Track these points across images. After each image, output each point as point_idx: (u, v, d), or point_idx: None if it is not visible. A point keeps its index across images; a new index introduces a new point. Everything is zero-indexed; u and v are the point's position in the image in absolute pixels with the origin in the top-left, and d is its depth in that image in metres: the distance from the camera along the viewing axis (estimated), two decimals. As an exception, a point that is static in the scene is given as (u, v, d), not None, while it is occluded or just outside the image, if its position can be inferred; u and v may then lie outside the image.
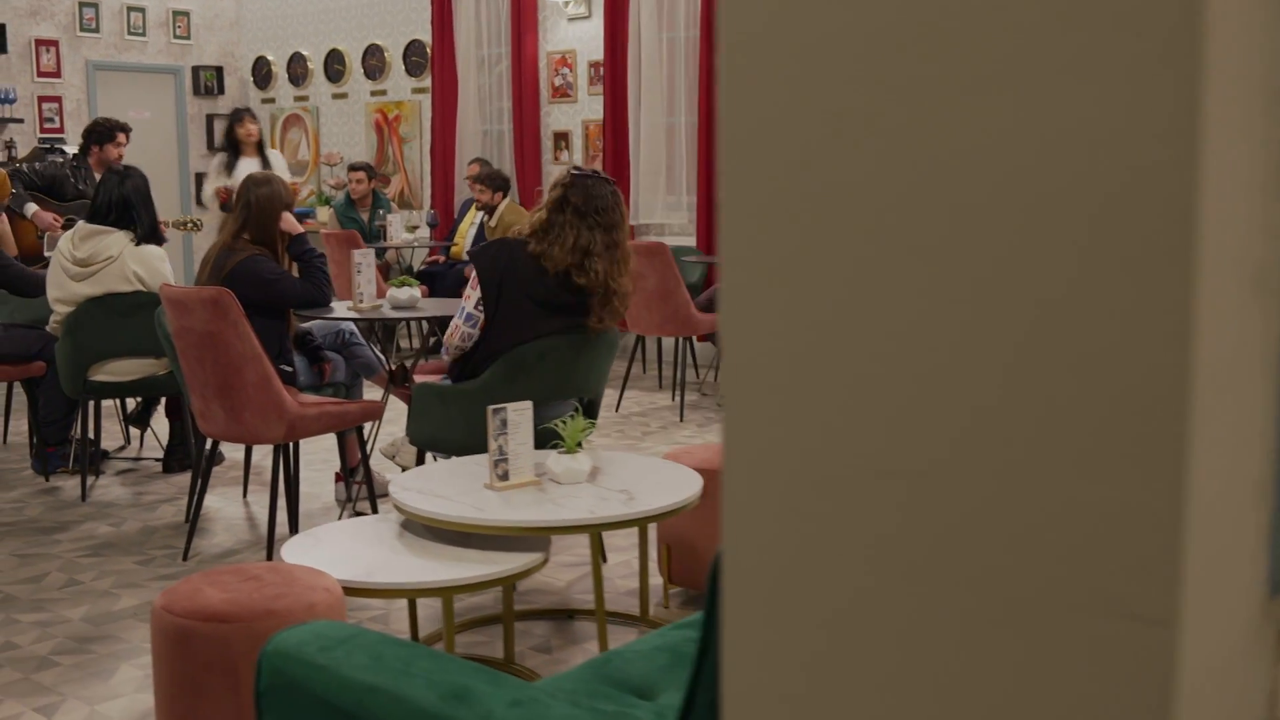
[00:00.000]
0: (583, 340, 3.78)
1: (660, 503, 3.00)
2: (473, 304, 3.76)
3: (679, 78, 8.01)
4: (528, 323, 3.70)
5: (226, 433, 3.97)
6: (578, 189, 3.71)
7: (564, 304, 3.70)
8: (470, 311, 3.77)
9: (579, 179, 3.73)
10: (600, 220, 3.68)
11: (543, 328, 3.70)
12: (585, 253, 3.63)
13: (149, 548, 4.31)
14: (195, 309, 3.80)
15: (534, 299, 3.68)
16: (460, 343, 3.81)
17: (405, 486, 3.14)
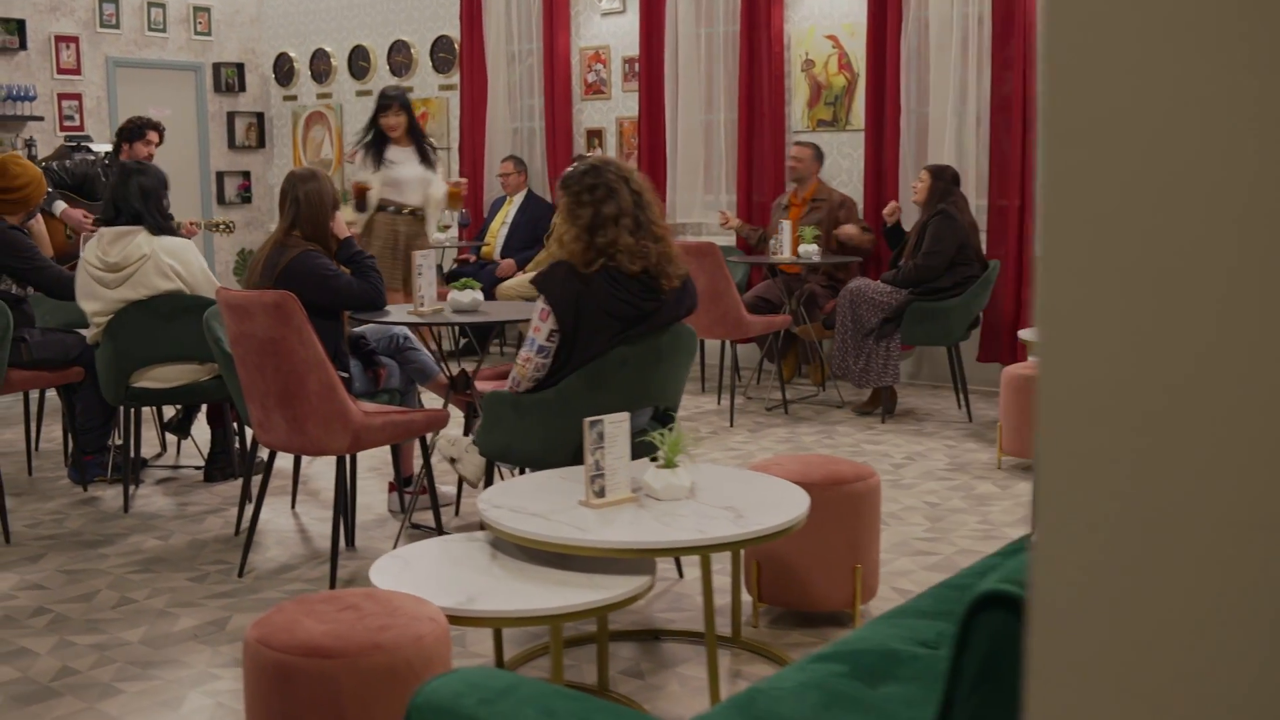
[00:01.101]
0: (662, 344, 3.58)
1: (771, 521, 2.82)
2: (544, 335, 3.52)
3: (717, 74, 7.81)
4: (606, 339, 3.51)
5: (287, 444, 3.78)
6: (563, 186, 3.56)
7: (646, 308, 3.51)
8: (542, 344, 3.53)
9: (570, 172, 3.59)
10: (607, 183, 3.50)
11: (615, 337, 3.51)
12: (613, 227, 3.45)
13: (200, 563, 4.12)
14: (256, 314, 3.61)
15: (613, 314, 3.48)
16: (534, 373, 3.58)
17: (495, 504, 2.95)
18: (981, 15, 6.81)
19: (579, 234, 3.47)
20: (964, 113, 6.91)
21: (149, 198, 4.64)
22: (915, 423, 6.27)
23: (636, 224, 3.51)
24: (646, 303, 3.50)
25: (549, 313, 3.52)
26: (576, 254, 3.48)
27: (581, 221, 3.47)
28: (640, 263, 3.49)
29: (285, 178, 4.25)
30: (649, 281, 3.49)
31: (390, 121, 6.11)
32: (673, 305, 3.62)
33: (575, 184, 3.53)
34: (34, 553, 4.24)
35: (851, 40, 7.30)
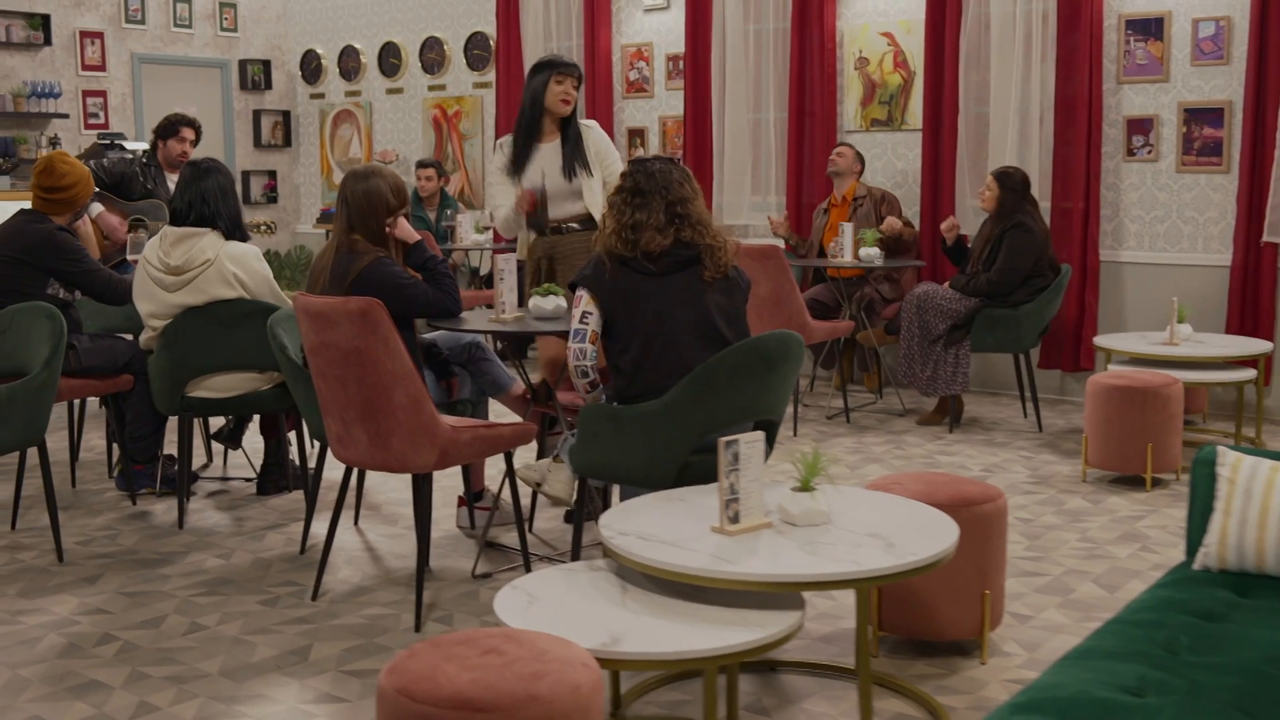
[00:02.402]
0: (771, 351, 3.37)
1: (926, 551, 2.60)
2: (578, 319, 3.47)
3: (766, 72, 7.58)
4: (654, 297, 3.40)
5: (370, 460, 3.55)
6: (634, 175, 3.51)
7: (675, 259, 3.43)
8: (577, 327, 3.47)
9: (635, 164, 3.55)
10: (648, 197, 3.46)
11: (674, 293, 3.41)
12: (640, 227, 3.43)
13: (268, 584, 3.89)
14: (340, 322, 3.38)
15: (645, 271, 3.43)
16: (577, 360, 3.47)
17: (620, 531, 2.73)
18: (1046, 12, 6.59)
19: (616, 230, 3.47)
20: (1026, 112, 6.69)
21: (226, 198, 4.41)
22: (983, 432, 6.06)
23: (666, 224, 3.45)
24: (680, 251, 3.43)
25: (582, 299, 3.48)
26: (611, 245, 3.48)
27: (622, 219, 3.46)
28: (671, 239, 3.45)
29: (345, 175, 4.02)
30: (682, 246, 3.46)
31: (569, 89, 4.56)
32: (724, 294, 3.49)
33: (629, 181, 3.50)
34: (90, 573, 4.01)
35: (908, 38, 7.09)
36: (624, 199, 3.45)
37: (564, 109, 4.56)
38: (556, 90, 4.55)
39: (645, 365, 3.37)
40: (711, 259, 3.44)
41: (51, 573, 4.01)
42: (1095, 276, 6.59)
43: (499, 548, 4.18)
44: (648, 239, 3.39)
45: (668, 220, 3.41)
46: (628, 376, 3.40)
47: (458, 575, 3.94)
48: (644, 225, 3.40)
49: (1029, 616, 3.59)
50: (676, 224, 3.42)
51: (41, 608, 3.69)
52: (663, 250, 3.43)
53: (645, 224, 3.40)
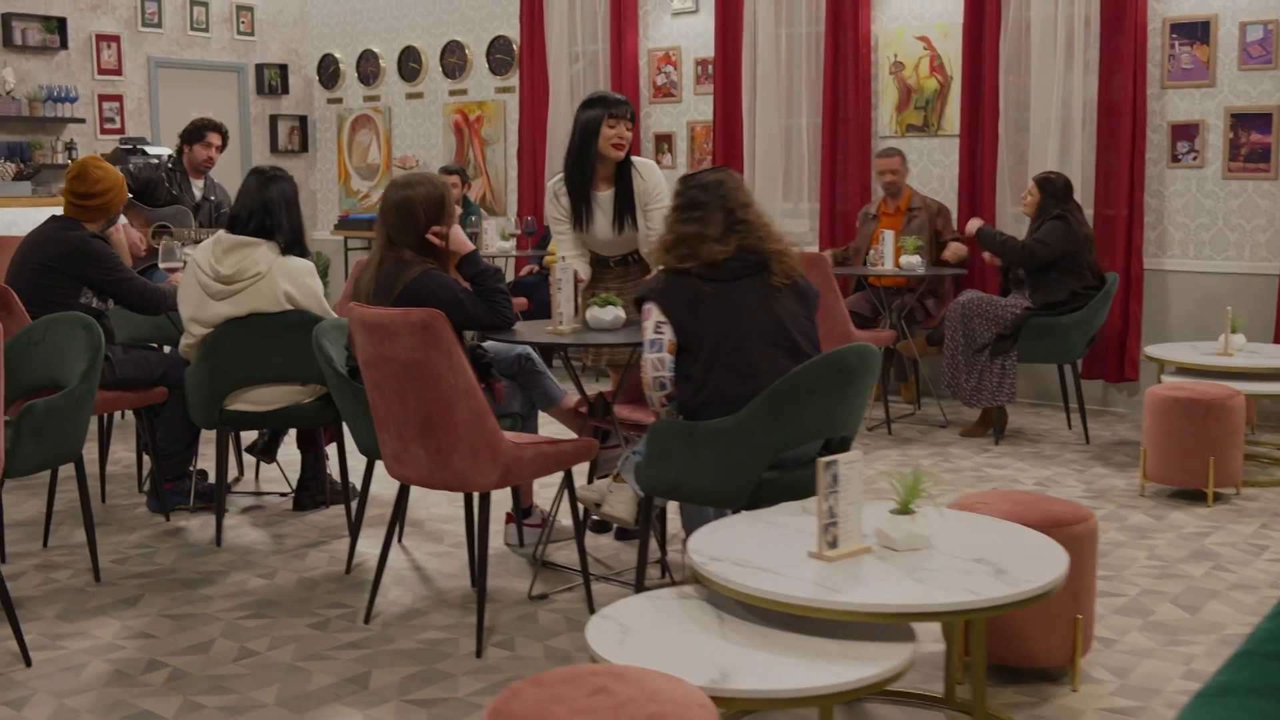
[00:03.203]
0: (849, 364, 3.23)
1: (1040, 578, 2.46)
2: (651, 330, 3.35)
3: (799, 76, 7.45)
4: (722, 304, 3.29)
5: (429, 478, 3.40)
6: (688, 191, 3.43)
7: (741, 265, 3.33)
8: (652, 338, 3.34)
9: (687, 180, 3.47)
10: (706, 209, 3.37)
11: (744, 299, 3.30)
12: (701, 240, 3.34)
13: (316, 606, 3.74)
14: (400, 334, 3.24)
15: (712, 279, 3.32)
16: (657, 372, 3.34)
17: (712, 556, 2.59)
18: (1088, 15, 6.46)
19: (671, 245, 3.39)
20: (1068, 118, 6.56)
21: (290, 210, 4.27)
22: (1030, 444, 5.92)
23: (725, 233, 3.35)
24: (747, 256, 3.33)
25: (651, 311, 3.36)
26: (669, 262, 3.39)
27: (676, 233, 3.38)
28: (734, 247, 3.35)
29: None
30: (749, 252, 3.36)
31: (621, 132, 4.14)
32: (794, 301, 3.39)
33: (683, 194, 3.41)
34: (130, 593, 3.86)
35: (945, 42, 6.96)
36: (678, 215, 3.36)
37: (616, 154, 4.15)
38: (609, 134, 4.12)
39: (715, 371, 3.25)
40: (779, 264, 3.34)
41: (89, 593, 3.86)
42: (1139, 285, 6.46)
43: (552, 567, 4.03)
44: (706, 250, 3.29)
45: (727, 229, 3.31)
46: (697, 383, 3.27)
47: (513, 596, 3.80)
48: (702, 237, 3.30)
49: (1113, 640, 3.45)
50: (737, 232, 3.31)
51: (83, 631, 3.54)
52: (725, 258, 3.32)
53: (703, 235, 3.30)
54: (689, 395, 3.31)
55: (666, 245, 3.37)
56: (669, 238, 3.36)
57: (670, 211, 3.41)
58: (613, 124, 4.14)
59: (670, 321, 3.31)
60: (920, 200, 6.65)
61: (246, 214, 4.27)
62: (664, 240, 3.39)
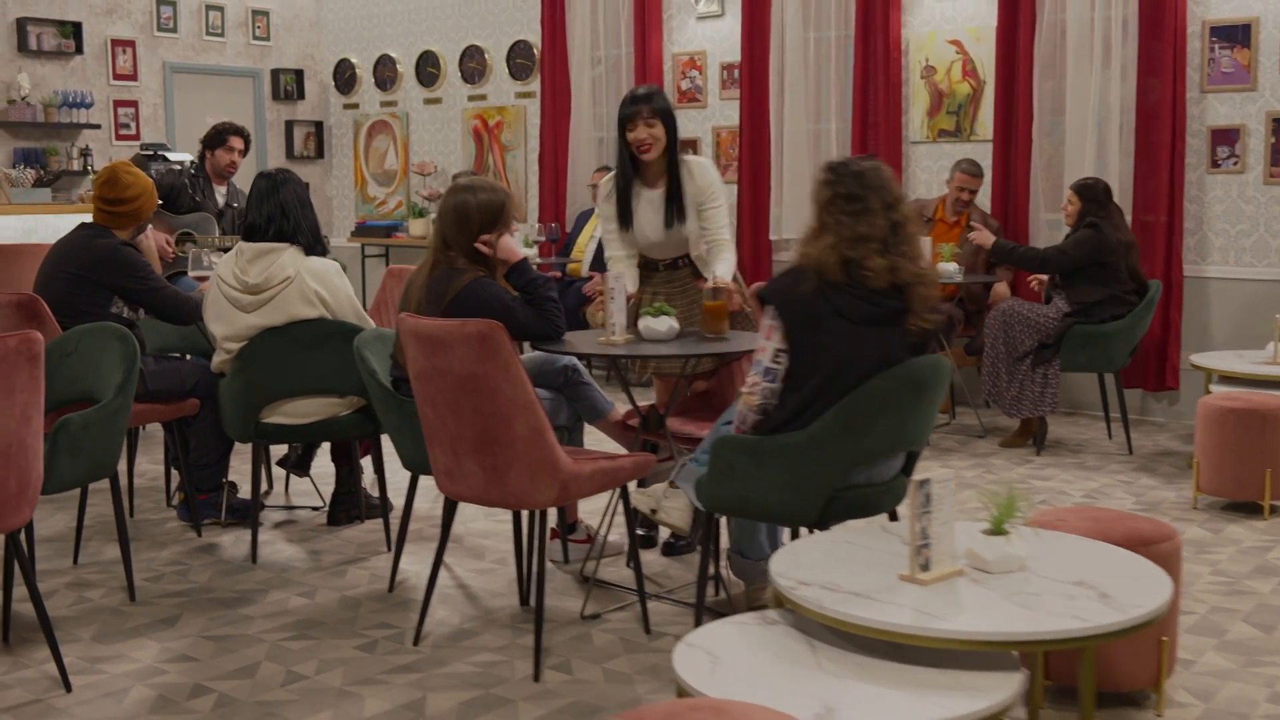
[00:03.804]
0: (922, 377, 3.11)
1: (1148, 602, 2.35)
2: (770, 356, 3.13)
3: (827, 81, 7.34)
4: (845, 343, 3.07)
5: (484, 495, 3.28)
6: (825, 181, 3.15)
7: (874, 311, 3.07)
8: (768, 365, 3.13)
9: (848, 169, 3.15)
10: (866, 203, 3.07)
11: (862, 346, 3.07)
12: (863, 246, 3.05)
13: (361, 626, 3.62)
14: (455, 346, 3.12)
15: (844, 315, 3.06)
16: (764, 400, 3.16)
17: (800, 580, 2.47)
18: (1126, 19, 6.35)
19: (835, 244, 3.07)
20: (1105, 123, 6.45)
21: (306, 210, 4.16)
22: (1071, 455, 5.80)
23: (885, 249, 3.07)
24: (889, 301, 3.08)
25: (775, 329, 3.12)
26: (827, 264, 3.08)
27: (842, 232, 3.06)
28: (888, 279, 3.07)
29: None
30: (895, 292, 3.09)
31: (640, 135, 3.93)
32: (915, 348, 3.18)
33: (840, 183, 3.10)
34: (166, 613, 3.73)
35: (977, 45, 6.85)
36: (841, 206, 3.04)
37: (645, 156, 3.94)
38: (630, 138, 3.94)
39: (812, 409, 3.09)
40: (919, 305, 3.09)
41: (125, 614, 3.74)
42: (1179, 292, 6.35)
43: (603, 585, 3.91)
44: (871, 263, 3.02)
45: (891, 231, 3.04)
46: (789, 414, 3.11)
47: (564, 616, 3.67)
48: (868, 239, 3.02)
49: (1190, 661, 3.33)
50: (895, 244, 3.04)
51: (121, 654, 3.42)
52: (876, 291, 3.05)
53: (870, 238, 3.02)
54: (780, 423, 3.13)
55: (825, 242, 3.05)
56: (831, 237, 3.04)
57: (827, 203, 3.09)
58: (631, 127, 3.95)
59: (788, 348, 3.09)
60: (980, 216, 6.51)
61: (264, 220, 4.15)
62: (818, 235, 3.09)
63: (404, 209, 9.26)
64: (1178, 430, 6.31)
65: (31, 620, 3.61)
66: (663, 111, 3.96)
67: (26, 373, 3.03)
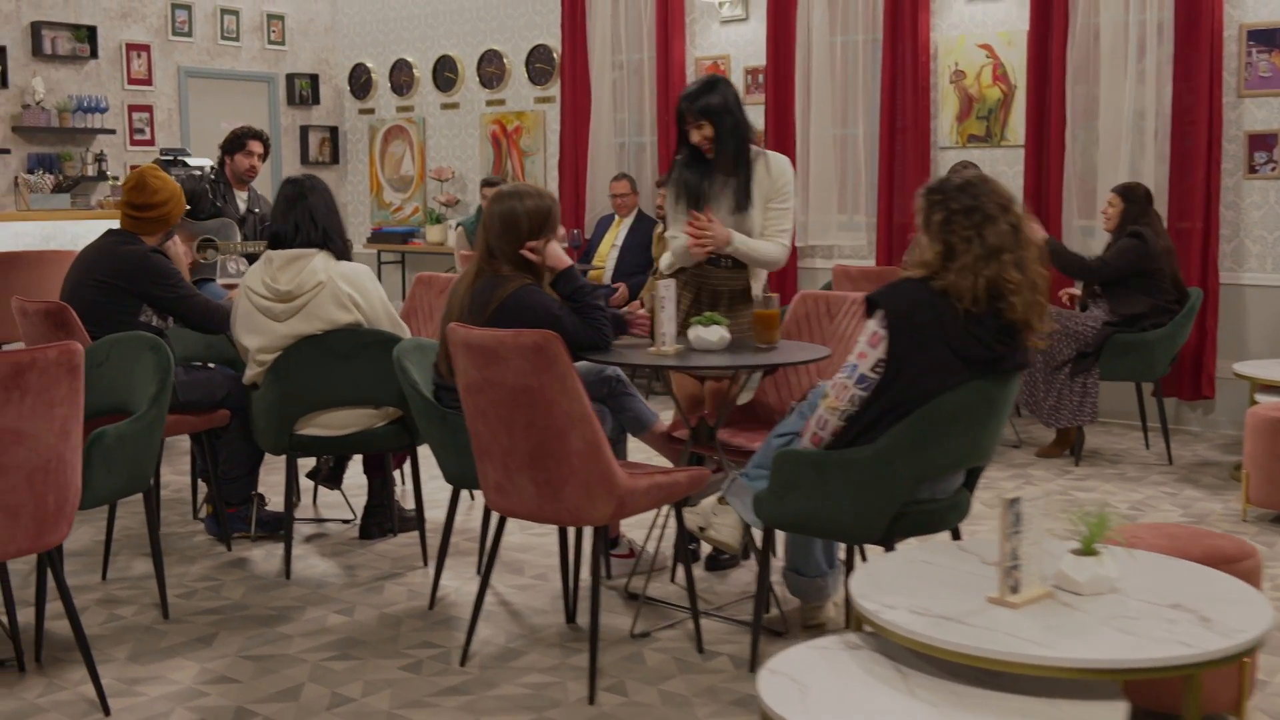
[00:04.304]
0: (996, 394, 3.01)
1: (1252, 627, 2.24)
2: (870, 364, 2.98)
3: (854, 85, 7.24)
4: (937, 375, 2.94)
5: (536, 511, 3.17)
6: (933, 201, 2.99)
7: (981, 353, 2.94)
8: (865, 373, 2.99)
9: (951, 184, 3.01)
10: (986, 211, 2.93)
11: (950, 380, 2.94)
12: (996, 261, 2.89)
13: (405, 646, 3.51)
14: (509, 358, 3.02)
15: (950, 346, 2.93)
16: (850, 407, 3.03)
17: (886, 603, 2.36)
18: (1161, 22, 6.26)
19: (972, 264, 2.90)
20: (1140, 128, 6.35)
21: (333, 216, 4.06)
22: (1110, 465, 5.70)
23: (1018, 263, 2.94)
24: (999, 345, 2.94)
25: (882, 338, 2.96)
26: (965, 290, 2.90)
27: (974, 250, 2.90)
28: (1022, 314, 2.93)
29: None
30: (1011, 329, 2.95)
31: (694, 138, 3.90)
32: (1015, 360, 3.05)
33: (950, 201, 2.95)
34: (202, 632, 3.62)
35: (1008, 50, 6.76)
36: (962, 222, 2.89)
37: (708, 154, 3.89)
38: (692, 135, 3.89)
39: (881, 426, 2.97)
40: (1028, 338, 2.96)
41: (159, 632, 3.63)
42: (1215, 300, 6.24)
43: (649, 601, 3.79)
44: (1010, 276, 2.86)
45: (1013, 234, 2.89)
46: (859, 429, 3.01)
47: (613, 634, 3.56)
48: (1000, 251, 2.87)
49: (1265, 682, 3.22)
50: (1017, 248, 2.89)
51: (158, 675, 3.31)
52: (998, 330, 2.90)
53: (1002, 248, 2.87)
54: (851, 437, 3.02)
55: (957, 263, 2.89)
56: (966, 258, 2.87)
57: (938, 224, 2.93)
58: (687, 125, 3.89)
59: (885, 365, 2.95)
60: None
61: (292, 228, 4.04)
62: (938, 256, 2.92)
63: (420, 215, 9.16)
64: (1214, 440, 6.21)
65: (63, 639, 3.51)
66: (709, 110, 3.86)
67: (66, 385, 2.92)
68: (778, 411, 4.17)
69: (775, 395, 4.16)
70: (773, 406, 4.15)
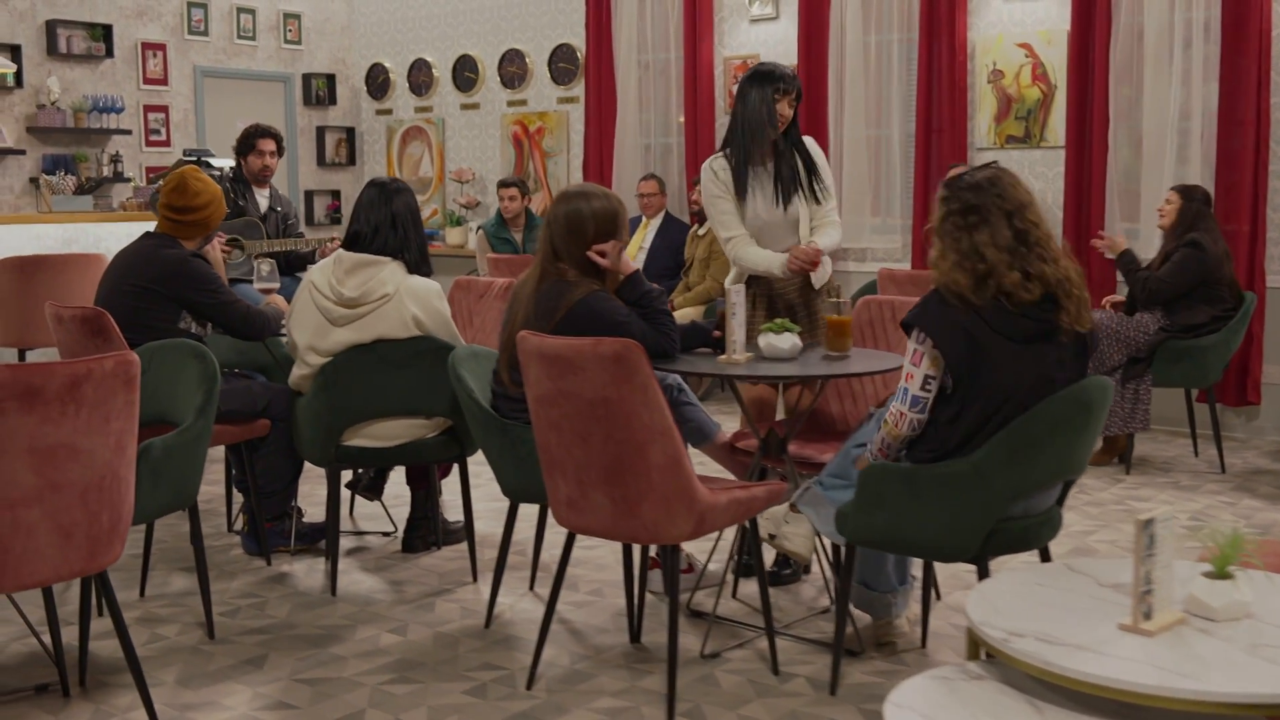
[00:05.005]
0: (1092, 399, 2.88)
1: None
2: (918, 384, 2.92)
3: (889, 85, 7.11)
4: (1005, 365, 2.86)
5: (611, 528, 3.03)
6: (944, 196, 2.98)
7: (1037, 326, 2.88)
8: (916, 394, 2.92)
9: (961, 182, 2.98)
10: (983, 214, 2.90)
11: (1021, 365, 2.86)
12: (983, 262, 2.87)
13: (465, 668, 3.36)
14: (588, 368, 2.87)
15: (1012, 334, 2.87)
16: (911, 432, 2.95)
17: (1011, 630, 2.23)
18: (1208, 21, 6.13)
19: (958, 261, 2.90)
20: (1187, 130, 6.22)
21: (418, 224, 3.92)
22: (1161, 473, 5.57)
23: (1013, 260, 2.88)
24: (1043, 313, 2.88)
25: (922, 354, 2.91)
26: (963, 284, 2.89)
27: (960, 248, 2.90)
28: (1038, 289, 2.88)
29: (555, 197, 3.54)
30: (1048, 302, 2.90)
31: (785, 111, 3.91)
32: (1072, 353, 2.95)
33: (955, 199, 2.95)
34: (251, 653, 3.47)
35: (1049, 49, 6.63)
36: (955, 222, 2.90)
37: (782, 128, 3.92)
38: (777, 111, 3.88)
39: (977, 439, 2.86)
40: (1070, 310, 2.89)
41: (206, 653, 3.48)
42: (1262, 304, 6.12)
43: (710, 618, 3.65)
44: (1008, 279, 2.83)
45: (1016, 239, 2.86)
46: (952, 444, 2.88)
47: (681, 654, 3.39)
48: (987, 246, 2.84)
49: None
50: (1025, 253, 2.86)
51: (211, 700, 3.16)
52: (1029, 304, 2.86)
53: (990, 248, 2.84)
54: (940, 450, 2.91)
55: (948, 262, 2.89)
56: (953, 256, 2.87)
57: (940, 222, 2.95)
58: (778, 98, 3.88)
59: (946, 374, 2.89)
60: None
61: (371, 230, 3.90)
62: (942, 257, 2.91)
63: (439, 217, 9.02)
64: (1263, 447, 6.08)
65: (107, 663, 3.36)
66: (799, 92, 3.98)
67: (123, 397, 2.78)
68: (840, 421, 4.04)
69: (838, 404, 4.02)
70: (835, 416, 4.02)
